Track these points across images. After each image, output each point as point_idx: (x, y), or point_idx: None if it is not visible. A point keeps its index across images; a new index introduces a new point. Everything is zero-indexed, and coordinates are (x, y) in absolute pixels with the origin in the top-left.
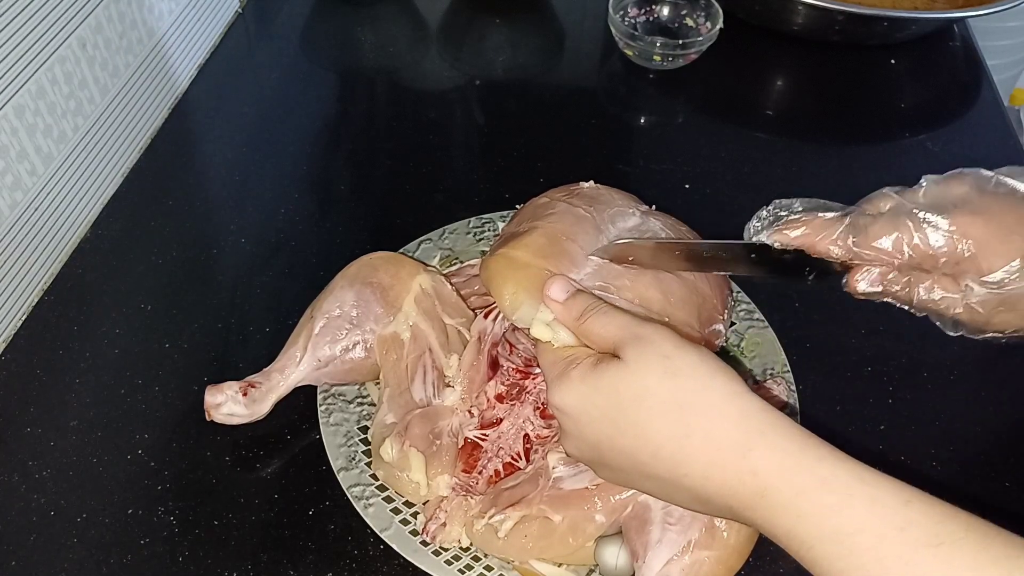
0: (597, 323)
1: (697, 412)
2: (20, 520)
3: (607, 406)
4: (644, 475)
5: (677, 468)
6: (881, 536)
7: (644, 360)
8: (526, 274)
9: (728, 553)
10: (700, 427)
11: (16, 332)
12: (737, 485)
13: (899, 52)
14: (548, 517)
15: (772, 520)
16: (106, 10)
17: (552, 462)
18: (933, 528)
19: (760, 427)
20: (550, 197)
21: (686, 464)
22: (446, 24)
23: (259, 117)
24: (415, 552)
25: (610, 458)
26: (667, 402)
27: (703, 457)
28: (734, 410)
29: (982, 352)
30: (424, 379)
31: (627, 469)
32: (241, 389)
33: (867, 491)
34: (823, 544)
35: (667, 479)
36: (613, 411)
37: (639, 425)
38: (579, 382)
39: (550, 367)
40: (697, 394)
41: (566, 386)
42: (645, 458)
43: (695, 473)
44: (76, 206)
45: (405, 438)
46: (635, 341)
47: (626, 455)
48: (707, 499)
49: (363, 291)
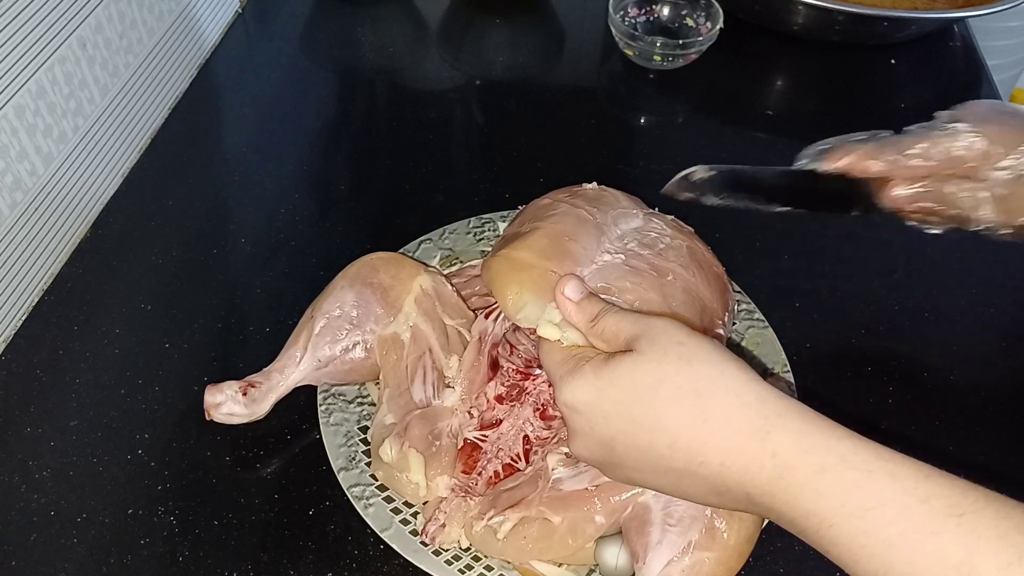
0: (610, 322)
1: (715, 397)
2: (20, 520)
3: (622, 398)
4: (659, 470)
5: (694, 457)
6: (904, 508)
7: (659, 348)
8: (530, 275)
9: (728, 554)
10: (718, 413)
11: (16, 332)
12: (756, 469)
13: (899, 52)
14: (547, 518)
15: (791, 502)
16: (106, 10)
17: (552, 463)
18: (955, 499)
19: (777, 410)
20: (552, 198)
21: (704, 451)
22: (446, 24)
23: (259, 117)
24: (415, 552)
25: (623, 455)
26: (684, 388)
27: (721, 443)
28: (751, 395)
29: (982, 352)
30: (424, 380)
31: (641, 466)
32: (241, 389)
33: (887, 466)
34: (845, 521)
35: (683, 470)
36: (629, 403)
37: (656, 414)
38: (593, 376)
39: (559, 365)
40: (713, 381)
41: (579, 381)
42: (662, 449)
43: (712, 460)
44: (76, 206)
45: (404, 439)
46: (648, 332)
47: (641, 449)
48: (724, 487)
49: (364, 291)
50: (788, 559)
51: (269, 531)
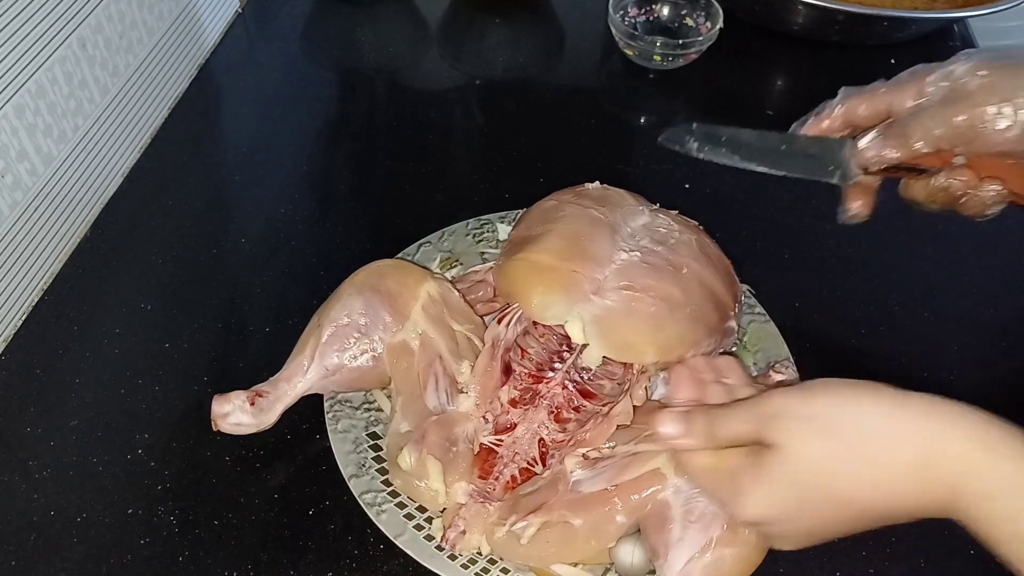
0: (725, 429)
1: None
2: (20, 520)
3: (795, 497)
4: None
5: (889, 511)
6: None
7: (792, 435)
8: (552, 276)
9: (749, 550)
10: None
11: (16, 332)
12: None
13: (899, 52)
14: (569, 521)
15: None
16: (106, 10)
17: (570, 466)
18: None
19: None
20: (558, 199)
21: (891, 505)
22: (446, 24)
23: (259, 117)
24: (431, 557)
25: (834, 529)
26: (841, 460)
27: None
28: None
29: (982, 352)
30: (437, 387)
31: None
32: (248, 399)
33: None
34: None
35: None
36: (804, 495)
37: (834, 495)
38: (757, 488)
39: (716, 487)
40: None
41: (749, 499)
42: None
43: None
44: (76, 206)
45: (422, 446)
46: (770, 423)
47: (841, 523)
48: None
49: (371, 299)
50: (788, 559)
51: (269, 531)
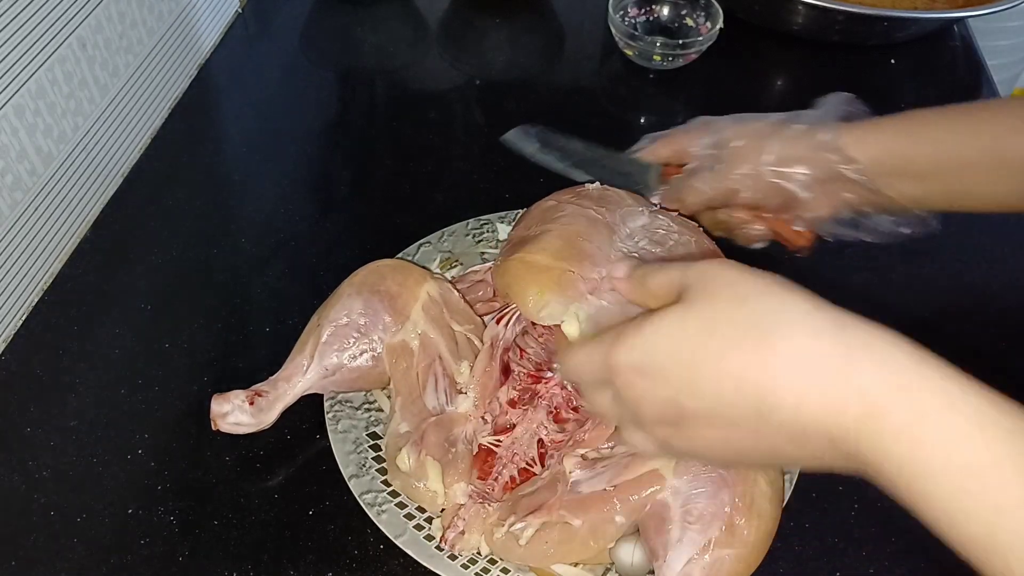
0: (658, 278)
1: (780, 328)
2: (20, 520)
3: (674, 349)
4: (730, 421)
5: (764, 398)
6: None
7: (708, 291)
8: (548, 275)
9: (748, 550)
10: (786, 345)
11: (16, 332)
12: (840, 407)
13: (899, 52)
14: (568, 522)
15: (882, 448)
16: (106, 10)
17: (569, 466)
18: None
19: (863, 339)
20: (557, 199)
21: (775, 391)
22: (446, 24)
23: (259, 117)
24: (431, 558)
25: (694, 410)
26: (741, 325)
27: (794, 380)
28: (825, 322)
29: (982, 352)
30: (436, 387)
31: (712, 418)
32: (247, 398)
33: (1006, 421)
34: (946, 476)
35: (754, 416)
36: (684, 352)
37: (715, 358)
38: (635, 334)
39: (596, 343)
40: (775, 312)
41: (621, 347)
42: (729, 396)
43: (786, 402)
44: (76, 206)
45: (421, 447)
46: (697, 279)
47: (708, 397)
48: (802, 433)
49: (371, 299)
50: (788, 559)
51: (269, 531)
